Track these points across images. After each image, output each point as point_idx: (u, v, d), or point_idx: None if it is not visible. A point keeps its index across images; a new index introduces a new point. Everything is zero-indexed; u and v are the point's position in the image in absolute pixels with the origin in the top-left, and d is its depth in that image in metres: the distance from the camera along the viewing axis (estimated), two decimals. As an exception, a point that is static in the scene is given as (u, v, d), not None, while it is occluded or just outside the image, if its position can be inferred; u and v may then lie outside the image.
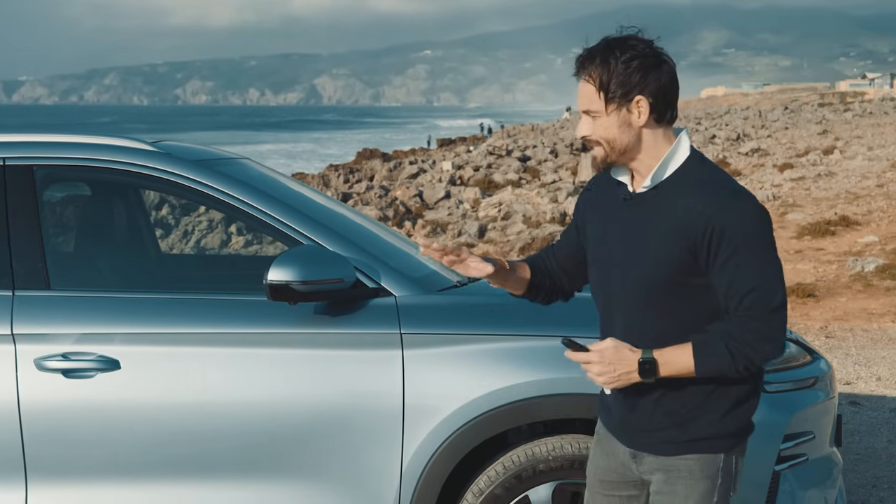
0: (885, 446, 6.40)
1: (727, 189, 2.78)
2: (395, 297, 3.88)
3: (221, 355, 3.85)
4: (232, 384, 3.84)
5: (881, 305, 11.59)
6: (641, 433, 2.92)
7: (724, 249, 2.72)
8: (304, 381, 3.81)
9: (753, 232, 2.74)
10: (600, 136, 2.85)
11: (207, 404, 3.84)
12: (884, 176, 22.83)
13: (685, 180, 2.82)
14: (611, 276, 2.92)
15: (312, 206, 4.36)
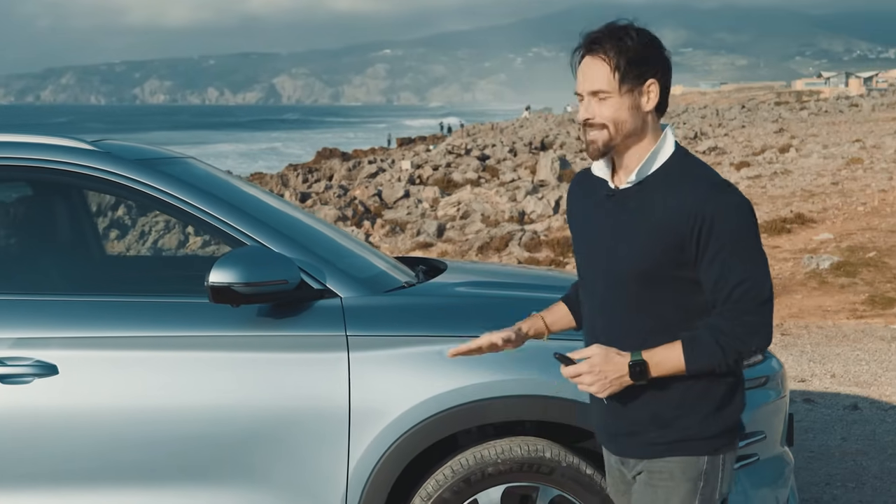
0: (839, 444, 6.40)
1: (714, 183, 2.76)
2: (341, 298, 3.80)
3: (163, 359, 3.76)
4: (174, 389, 3.74)
5: (836, 303, 11.66)
6: (627, 437, 2.89)
7: (714, 243, 2.70)
8: (247, 385, 3.73)
9: (741, 225, 2.73)
10: (609, 117, 2.78)
11: (148, 409, 3.74)
12: (839, 174, 23.02)
13: (671, 175, 2.79)
14: (597, 276, 2.89)
15: (258, 207, 4.28)
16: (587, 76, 2.80)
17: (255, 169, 50.45)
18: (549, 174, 29.12)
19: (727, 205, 2.72)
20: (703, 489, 2.84)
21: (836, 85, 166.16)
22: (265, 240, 3.84)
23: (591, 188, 2.95)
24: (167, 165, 4.18)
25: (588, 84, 2.80)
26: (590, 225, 2.91)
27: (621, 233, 2.80)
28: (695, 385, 2.79)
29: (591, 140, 2.81)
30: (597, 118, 2.79)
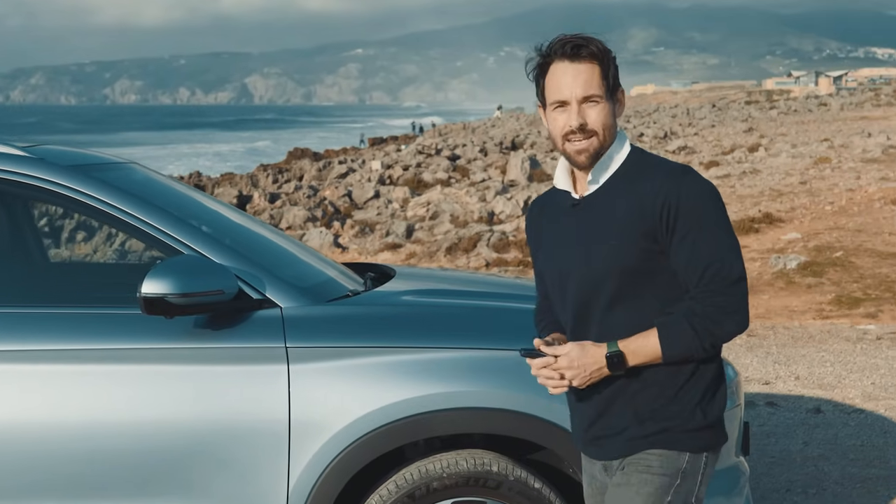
0: (801, 448, 6.34)
1: (674, 168, 2.78)
2: (281, 308, 3.68)
3: (97, 373, 3.62)
4: (108, 403, 3.61)
5: (802, 303, 11.64)
6: (609, 438, 2.83)
7: (681, 225, 2.70)
8: (183, 399, 3.59)
9: (706, 206, 2.73)
10: (601, 123, 2.78)
11: (79, 425, 3.61)
12: (807, 173, 23.08)
13: (632, 170, 2.80)
14: (573, 285, 2.85)
15: (199, 215, 4.16)
16: (578, 81, 2.76)
17: (226, 169, 50.17)
18: (520, 174, 29.09)
19: (690, 186, 2.72)
20: (678, 487, 2.76)
21: (805, 84, 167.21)
22: (202, 248, 3.71)
23: (553, 204, 2.96)
24: (103, 171, 4.04)
25: (580, 89, 2.76)
26: (559, 234, 2.90)
27: (593, 235, 2.79)
28: (675, 377, 2.76)
29: (582, 149, 2.78)
30: (590, 124, 2.77)
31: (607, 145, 2.80)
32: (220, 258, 3.70)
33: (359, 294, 4.04)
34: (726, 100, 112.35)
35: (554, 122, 2.81)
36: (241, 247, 3.95)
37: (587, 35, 2.80)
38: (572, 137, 2.77)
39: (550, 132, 2.84)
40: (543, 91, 2.83)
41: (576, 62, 2.76)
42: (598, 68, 2.76)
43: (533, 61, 2.86)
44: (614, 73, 2.80)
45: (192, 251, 3.69)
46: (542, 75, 2.83)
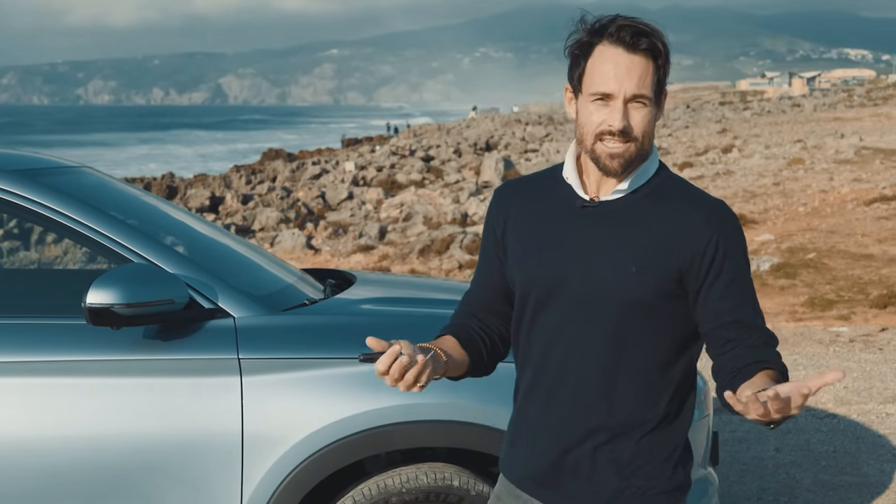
0: (772, 455, 6.25)
1: (717, 203, 2.42)
2: (234, 318, 3.54)
3: (43, 386, 3.48)
4: (55, 417, 3.47)
5: (776, 305, 11.60)
6: (574, 485, 2.44)
7: (729, 269, 2.35)
8: (133, 413, 3.46)
9: (746, 255, 2.43)
10: (643, 129, 2.36)
11: (30, 440, 3.47)
12: (780, 174, 23.14)
13: (663, 189, 2.42)
14: (560, 306, 2.41)
15: (153, 220, 4.03)
16: (631, 76, 2.33)
17: (201, 170, 49.88)
18: (494, 175, 29.03)
19: (736, 230, 2.39)
20: None
21: (779, 85, 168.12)
22: (152, 256, 3.57)
23: (547, 196, 2.49)
24: (51, 176, 3.90)
25: (632, 86, 2.33)
26: (555, 239, 2.43)
27: (607, 251, 2.37)
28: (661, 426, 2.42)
29: (616, 154, 2.35)
30: (635, 129, 2.35)
31: (643, 155, 2.40)
32: (170, 266, 3.56)
33: (316, 302, 3.91)
34: (700, 101, 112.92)
35: (588, 116, 2.36)
36: (194, 254, 3.82)
37: (650, 23, 2.38)
38: (609, 139, 2.35)
39: (580, 125, 2.39)
40: (582, 75, 2.39)
41: (632, 53, 2.34)
42: (652, 65, 2.35)
43: (575, 36, 2.41)
44: (667, 74, 2.41)
45: (142, 259, 3.55)
46: (585, 57, 2.38)
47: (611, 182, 2.41)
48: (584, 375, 2.40)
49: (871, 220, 16.41)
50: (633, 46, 2.34)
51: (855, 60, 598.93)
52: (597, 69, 2.36)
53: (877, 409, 7.18)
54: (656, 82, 2.37)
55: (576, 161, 2.49)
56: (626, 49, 2.34)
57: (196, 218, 4.58)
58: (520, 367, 2.54)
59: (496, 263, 2.57)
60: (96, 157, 73.16)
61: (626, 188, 2.40)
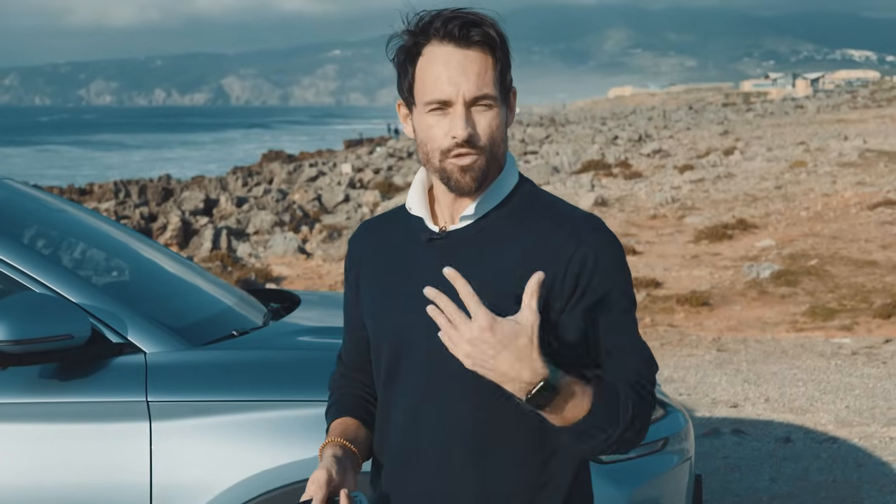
0: (767, 485, 5.82)
1: (584, 216, 2.06)
2: (145, 353, 3.11)
3: None
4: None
5: (776, 314, 11.21)
6: None
7: (594, 291, 1.99)
8: (24, 465, 3.03)
9: (624, 269, 2.04)
10: (494, 136, 2.01)
11: None
12: (782, 177, 22.74)
13: (522, 207, 2.07)
14: (414, 359, 2.07)
15: (67, 241, 3.60)
16: (467, 75, 1.97)
17: (199, 171, 49.48)
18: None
19: (608, 244, 2.02)
20: None
21: (783, 86, 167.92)
22: (51, 282, 3.13)
23: (393, 235, 2.15)
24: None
25: (470, 86, 1.97)
26: (403, 283, 2.08)
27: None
28: (553, 464, 2.04)
29: (467, 166, 1.98)
30: (482, 136, 2.00)
31: (496, 166, 2.04)
32: (73, 294, 3.13)
33: (246, 333, 3.46)
34: (703, 102, 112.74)
35: (428, 131, 2.01)
36: (111, 279, 3.39)
37: (479, 11, 2.01)
38: (455, 152, 1.98)
39: (421, 144, 2.04)
40: (412, 84, 2.03)
41: (465, 48, 1.98)
42: (492, 60, 2.00)
43: (397, 40, 2.04)
44: (510, 68, 2.05)
45: (40, 286, 3.11)
46: (412, 62, 2.02)
47: (465, 205, 2.05)
48: (448, 439, 2.02)
49: (874, 224, 16.00)
50: (465, 40, 1.98)
51: (859, 62, 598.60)
52: (427, 74, 2.00)
53: (880, 431, 6.76)
54: (498, 77, 2.01)
55: (425, 188, 2.12)
56: (456, 45, 1.98)
57: (132, 235, 4.15)
58: (379, 429, 2.17)
59: (357, 321, 2.23)
60: (94, 158, 72.86)
61: (472, 213, 2.03)
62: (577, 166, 30.80)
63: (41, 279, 3.14)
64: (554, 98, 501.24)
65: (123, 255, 3.95)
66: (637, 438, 1.98)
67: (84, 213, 4.05)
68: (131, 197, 30.01)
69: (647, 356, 2.03)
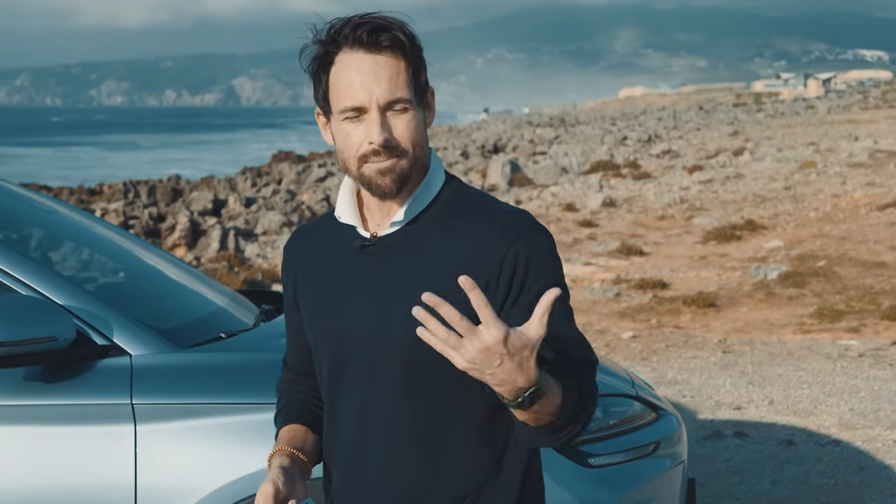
0: (768, 489, 5.77)
1: (518, 212, 2.09)
2: (131, 356, 3.08)
3: None
4: None
5: (783, 316, 11.15)
6: None
7: (530, 289, 2.01)
8: (9, 467, 3.00)
9: (556, 261, 2.08)
10: (410, 137, 2.03)
11: None
12: (792, 178, 22.66)
13: (451, 207, 2.09)
14: (356, 358, 2.09)
15: (53, 240, 3.57)
16: (379, 80, 2.01)
17: (209, 171, 49.51)
18: (500, 178, 28.61)
19: (539, 237, 2.06)
20: None
21: (794, 86, 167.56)
22: (35, 283, 3.11)
23: (326, 243, 2.18)
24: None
25: (382, 91, 2.01)
26: (338, 290, 2.12)
27: (393, 293, 2.05)
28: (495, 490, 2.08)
29: (387, 169, 2.01)
30: (401, 140, 2.02)
31: (419, 167, 2.07)
32: (57, 295, 3.10)
33: (235, 335, 3.44)
34: (714, 102, 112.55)
35: (345, 138, 2.05)
36: (97, 279, 3.37)
37: (387, 15, 2.05)
38: (373, 158, 2.02)
39: (339, 151, 2.08)
40: (326, 92, 2.07)
41: (375, 53, 2.02)
42: (404, 63, 2.04)
43: (310, 51, 2.08)
44: (424, 68, 2.09)
45: (24, 287, 3.09)
46: (325, 71, 2.06)
47: (394, 209, 2.08)
48: (396, 439, 2.06)
49: (884, 225, 15.92)
50: (375, 45, 2.02)
51: (871, 62, 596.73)
52: (340, 81, 2.04)
53: (883, 435, 6.71)
54: (412, 79, 2.05)
55: (354, 195, 2.15)
56: (367, 51, 2.02)
57: (124, 236, 4.13)
58: (328, 434, 2.20)
59: (298, 327, 2.26)
60: (104, 159, 73.03)
61: (402, 218, 2.07)
62: (586, 167, 30.75)
63: (26, 280, 3.12)
64: (564, 98, 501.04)
65: (114, 256, 3.93)
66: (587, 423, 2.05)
67: (76, 214, 4.03)
68: (140, 197, 30.07)
69: (586, 343, 2.08)
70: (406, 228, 2.08)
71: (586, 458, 3.17)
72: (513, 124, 73.85)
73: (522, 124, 71.96)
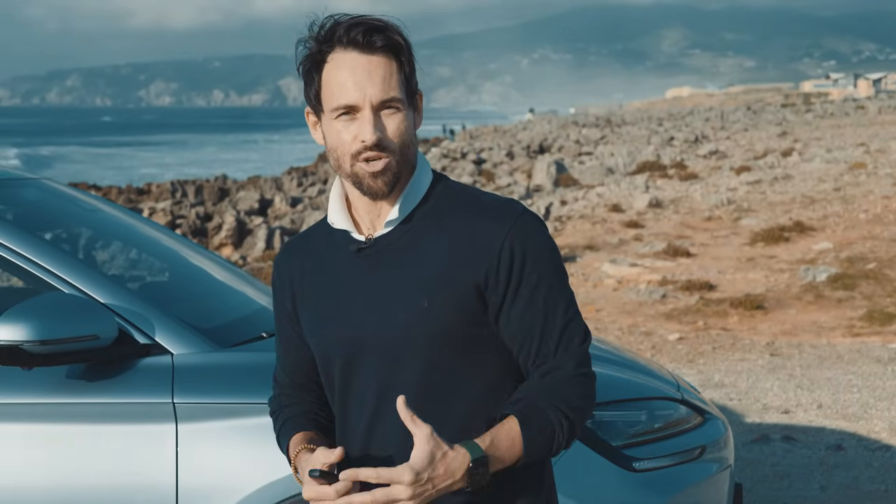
0: (816, 494, 5.68)
1: (510, 204, 2.11)
2: (173, 355, 3.07)
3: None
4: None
5: (832, 318, 11.00)
6: None
7: (529, 276, 2.05)
8: (47, 465, 3.00)
9: (552, 249, 2.11)
10: (403, 138, 2.06)
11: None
12: (841, 179, 22.40)
13: (442, 204, 2.12)
14: (364, 365, 2.10)
15: (101, 240, 3.57)
16: (373, 80, 2.03)
17: (257, 171, 49.76)
18: (545, 178, 28.50)
19: (534, 229, 2.09)
20: None
21: (844, 86, 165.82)
22: (78, 282, 3.11)
23: (320, 253, 2.19)
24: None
25: (376, 90, 2.03)
26: (341, 296, 2.13)
27: (392, 292, 2.07)
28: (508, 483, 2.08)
29: (379, 170, 2.03)
30: (392, 139, 2.05)
31: (408, 166, 2.10)
32: (100, 294, 3.10)
33: (273, 336, 3.42)
34: (762, 102, 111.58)
35: (336, 136, 2.06)
36: (142, 278, 3.37)
37: (382, 17, 2.08)
38: (367, 156, 2.04)
39: (331, 150, 2.09)
40: (319, 91, 2.09)
41: (369, 54, 2.04)
42: (396, 64, 2.07)
43: (303, 49, 2.10)
44: (415, 71, 2.12)
45: (68, 286, 3.10)
46: (318, 70, 2.08)
47: (385, 210, 2.11)
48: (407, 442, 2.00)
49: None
50: (369, 46, 2.05)
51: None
52: (333, 80, 2.06)
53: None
54: (403, 81, 2.08)
55: (343, 200, 2.16)
56: (361, 51, 2.05)
57: (168, 235, 4.13)
58: (340, 440, 2.19)
59: (295, 340, 2.26)
60: (152, 158, 73.71)
61: (397, 217, 2.09)
62: (632, 167, 30.58)
63: (69, 279, 3.13)
64: (610, 99, 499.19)
65: (157, 254, 3.94)
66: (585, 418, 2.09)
67: (121, 213, 4.04)
68: (188, 197, 30.29)
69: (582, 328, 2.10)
70: (400, 227, 2.10)
71: (631, 461, 3.13)
72: (558, 125, 73.65)
73: (568, 125, 71.76)
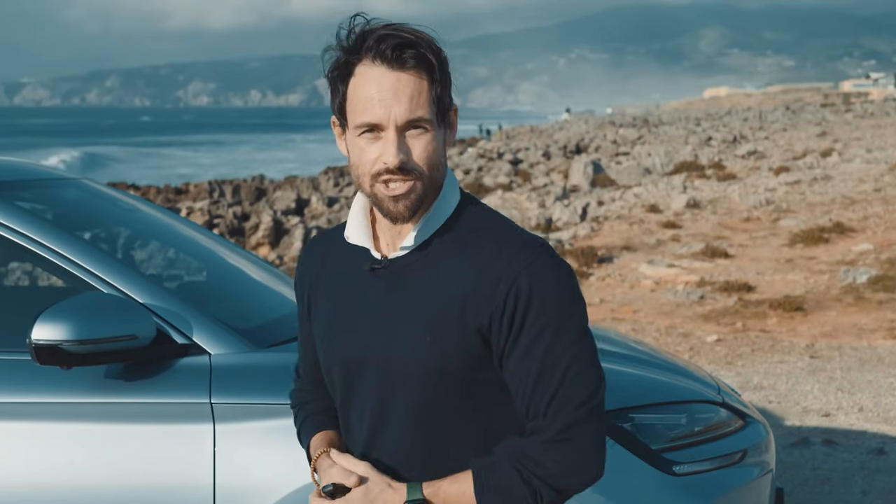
0: (858, 499, 5.61)
1: (525, 240, 1.96)
2: (210, 355, 3.06)
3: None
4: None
5: (872, 320, 10.87)
6: None
7: (531, 326, 1.91)
8: (84, 465, 3.00)
9: (569, 302, 1.94)
10: (430, 161, 1.93)
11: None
12: (882, 179, 22.17)
13: (464, 231, 1.99)
14: (367, 387, 2.03)
15: (139, 240, 3.58)
16: (399, 98, 1.89)
17: (293, 171, 49.93)
18: (582, 179, 28.41)
19: (548, 272, 1.93)
20: None
21: (884, 86, 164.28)
22: (117, 281, 3.11)
23: (341, 260, 2.10)
24: (16, 189, 3.48)
25: (402, 110, 1.89)
26: (347, 309, 2.06)
27: (399, 318, 1.97)
28: None
29: (401, 194, 1.92)
30: (417, 162, 1.92)
31: (434, 190, 1.97)
32: (139, 294, 3.10)
33: None
34: (801, 102, 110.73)
35: (359, 154, 1.94)
36: (179, 278, 3.37)
37: (415, 29, 1.93)
38: (387, 178, 1.92)
39: (353, 166, 1.97)
40: (344, 103, 1.97)
41: (398, 70, 1.90)
42: (427, 81, 1.92)
43: (332, 57, 1.98)
44: (449, 86, 1.97)
45: (106, 285, 3.10)
46: (344, 80, 1.96)
47: (406, 231, 1.99)
48: (405, 468, 2.00)
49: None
50: (399, 62, 1.90)
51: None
52: (358, 95, 1.93)
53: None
54: (435, 100, 1.93)
55: (367, 215, 2.06)
56: (389, 66, 1.90)
57: (206, 235, 4.13)
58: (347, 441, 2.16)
59: (313, 339, 2.19)
60: (190, 158, 74.17)
61: (412, 244, 1.98)
62: (670, 167, 30.42)
63: (107, 279, 3.12)
64: (648, 99, 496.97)
65: (195, 254, 3.94)
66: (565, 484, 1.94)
67: (159, 213, 4.05)
68: (225, 196, 30.44)
69: (587, 388, 1.93)
70: (417, 251, 2.00)
71: (671, 465, 3.09)
72: (595, 125, 73.44)
73: (605, 125, 71.51)
